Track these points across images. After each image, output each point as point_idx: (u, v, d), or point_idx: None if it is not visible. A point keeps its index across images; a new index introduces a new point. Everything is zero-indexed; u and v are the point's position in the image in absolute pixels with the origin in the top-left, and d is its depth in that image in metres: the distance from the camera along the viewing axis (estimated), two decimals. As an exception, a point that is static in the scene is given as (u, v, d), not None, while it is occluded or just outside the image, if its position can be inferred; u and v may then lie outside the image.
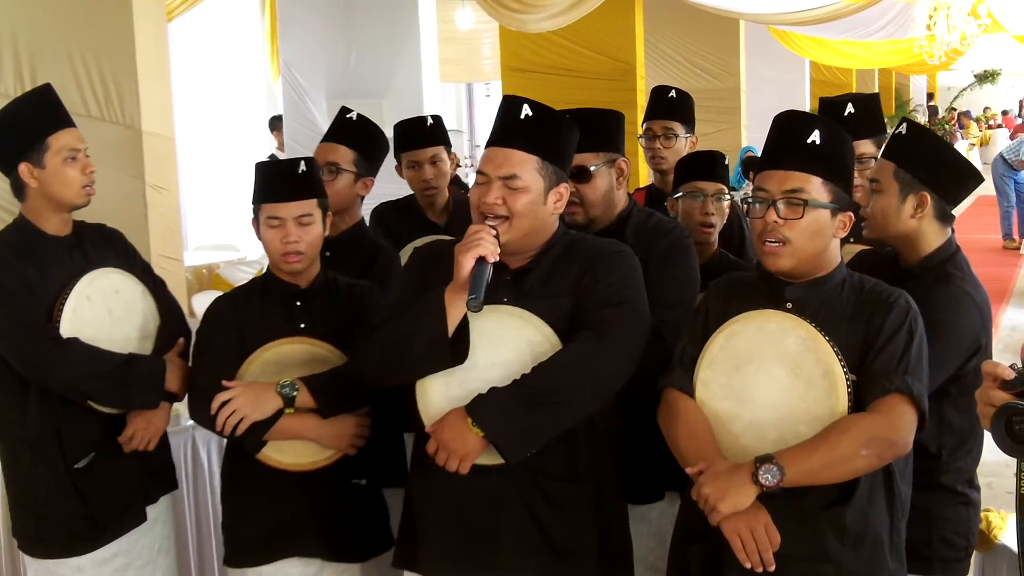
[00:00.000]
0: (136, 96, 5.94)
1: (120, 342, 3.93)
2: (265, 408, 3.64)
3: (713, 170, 4.60)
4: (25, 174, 3.87)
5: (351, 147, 4.61)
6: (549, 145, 3.37)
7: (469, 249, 3.19)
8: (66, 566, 3.97)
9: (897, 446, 3.00)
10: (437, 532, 3.41)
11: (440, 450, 3.26)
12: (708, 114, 12.63)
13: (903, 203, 3.50)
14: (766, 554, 2.94)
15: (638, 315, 3.35)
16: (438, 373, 3.30)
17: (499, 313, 3.31)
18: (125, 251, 4.18)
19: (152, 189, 5.97)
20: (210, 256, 11.19)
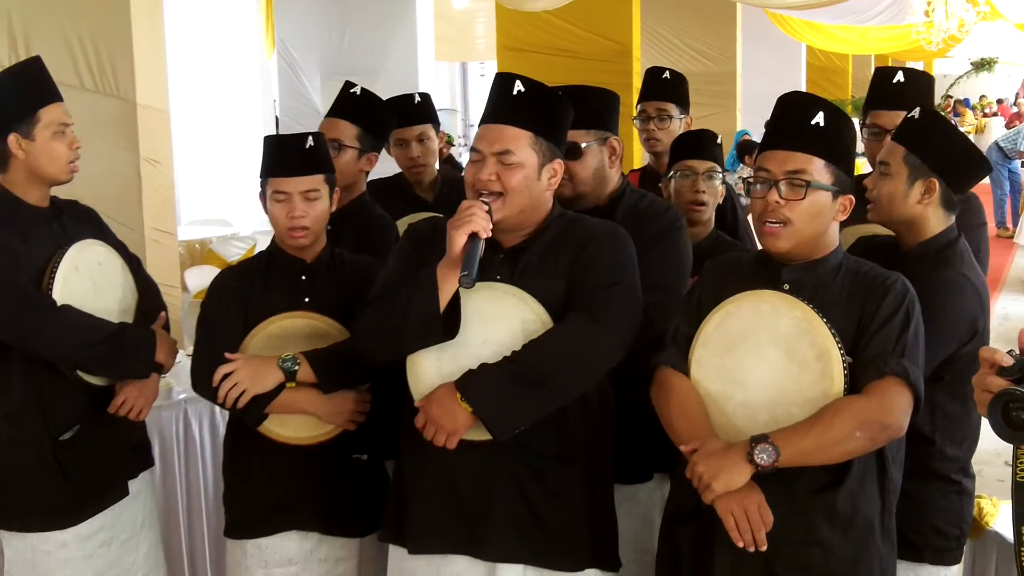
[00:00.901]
0: (131, 69, 5.92)
1: (102, 313, 3.92)
2: (266, 382, 3.64)
3: (703, 148, 4.60)
4: (13, 145, 3.85)
5: (354, 122, 4.59)
6: (543, 121, 3.37)
7: (461, 225, 3.19)
8: (49, 541, 3.94)
9: (891, 429, 3.00)
10: (425, 508, 3.41)
11: (428, 424, 3.27)
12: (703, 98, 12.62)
13: (911, 188, 3.49)
14: (759, 533, 2.94)
15: (631, 297, 3.35)
16: (430, 349, 3.30)
17: (493, 290, 3.31)
18: (100, 227, 4.18)
19: (146, 162, 5.95)
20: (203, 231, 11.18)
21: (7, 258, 3.77)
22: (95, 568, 4.00)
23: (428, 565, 3.42)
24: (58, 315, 3.75)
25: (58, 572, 3.96)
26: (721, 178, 4.59)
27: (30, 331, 3.77)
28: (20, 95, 3.89)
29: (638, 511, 4.02)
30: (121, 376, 3.96)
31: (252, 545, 3.82)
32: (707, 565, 3.11)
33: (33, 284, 3.80)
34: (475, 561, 3.38)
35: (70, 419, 3.92)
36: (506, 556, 3.35)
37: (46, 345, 3.78)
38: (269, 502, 3.80)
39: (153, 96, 6.06)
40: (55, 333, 3.76)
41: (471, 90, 26.59)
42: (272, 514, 3.80)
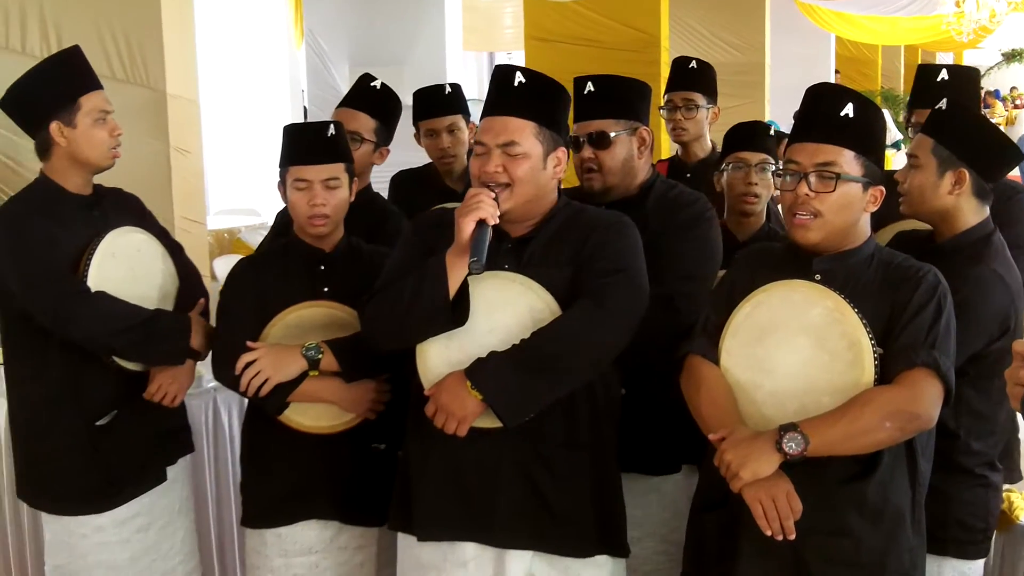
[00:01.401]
0: (161, 59, 5.94)
1: (140, 300, 3.94)
2: (289, 370, 3.65)
3: (756, 140, 4.58)
4: (55, 133, 3.88)
5: (373, 116, 4.61)
6: (545, 111, 3.39)
7: (469, 212, 3.21)
8: (86, 525, 3.99)
9: (921, 419, 2.99)
10: (432, 495, 3.42)
11: (439, 412, 3.28)
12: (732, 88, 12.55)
13: (940, 179, 3.47)
14: (787, 522, 2.94)
15: (636, 284, 3.36)
16: (438, 337, 3.32)
17: (500, 279, 3.33)
18: (142, 214, 4.21)
19: (176, 152, 5.97)
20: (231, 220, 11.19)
21: (45, 244, 3.80)
22: (131, 552, 4.04)
23: (436, 552, 3.43)
24: (92, 301, 3.78)
25: (94, 555, 4.01)
26: (773, 170, 4.56)
27: (65, 317, 3.79)
28: (61, 83, 3.93)
29: (665, 502, 4.02)
30: (155, 362, 3.98)
31: (272, 534, 3.84)
32: (734, 554, 3.12)
33: (70, 270, 3.83)
34: (484, 547, 3.39)
35: (106, 405, 3.96)
36: (515, 542, 3.37)
37: (80, 331, 3.81)
38: (288, 491, 3.82)
39: (183, 86, 6.08)
40: (89, 319, 3.79)
41: (498, 80, 26.52)
42: (291, 503, 3.82)
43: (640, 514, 3.84)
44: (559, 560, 3.41)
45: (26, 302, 3.84)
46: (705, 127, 5.58)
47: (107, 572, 4.02)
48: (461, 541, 3.40)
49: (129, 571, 4.05)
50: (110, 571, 4.02)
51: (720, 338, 3.23)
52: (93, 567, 4.01)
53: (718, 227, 3.97)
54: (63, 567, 4.06)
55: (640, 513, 3.84)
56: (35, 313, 3.83)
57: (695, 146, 5.57)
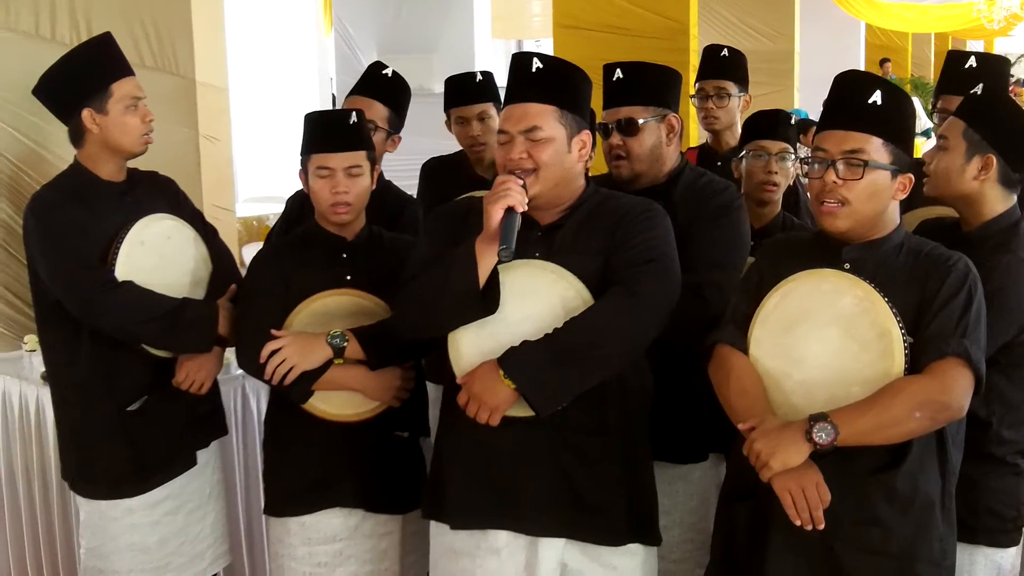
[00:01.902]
0: (190, 47, 5.94)
1: (171, 287, 3.98)
2: (314, 358, 3.66)
3: (777, 129, 4.57)
4: (87, 120, 3.91)
5: (386, 104, 4.62)
6: (565, 94, 3.39)
7: (498, 200, 3.21)
8: (117, 508, 4.04)
9: (951, 409, 2.98)
10: (465, 483, 3.43)
11: (471, 401, 3.28)
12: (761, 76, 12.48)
13: (968, 163, 3.46)
14: (816, 512, 2.93)
15: (668, 272, 3.35)
16: (470, 326, 3.31)
17: (531, 267, 3.33)
18: (176, 198, 4.24)
19: (205, 140, 5.98)
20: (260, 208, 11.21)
21: (75, 234, 3.84)
22: (160, 535, 4.09)
23: (468, 540, 3.43)
24: (119, 291, 3.81)
25: (124, 537, 4.06)
26: (793, 160, 4.55)
27: (93, 307, 3.83)
28: (93, 70, 3.96)
29: (692, 490, 4.02)
30: (183, 350, 4.01)
31: (295, 523, 3.85)
32: (763, 543, 3.11)
33: (100, 259, 3.86)
34: (516, 535, 3.39)
35: (137, 390, 4.01)
36: (547, 530, 3.37)
37: (108, 321, 3.85)
38: (312, 480, 3.83)
39: (212, 74, 6.08)
40: (116, 309, 3.82)
41: (527, 68, 26.51)
42: (315, 492, 3.83)
43: (667, 502, 3.84)
44: (591, 548, 3.41)
45: (55, 291, 3.89)
46: (736, 116, 5.56)
47: (136, 554, 4.07)
48: (494, 529, 3.40)
49: (158, 553, 4.09)
50: (140, 553, 4.07)
51: (749, 327, 3.22)
52: (123, 549, 4.06)
53: (747, 216, 3.97)
54: (95, 549, 4.11)
55: (667, 501, 3.84)
56: (64, 302, 3.87)
57: (726, 135, 5.56)
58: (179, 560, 4.16)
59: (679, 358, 3.58)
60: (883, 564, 3.03)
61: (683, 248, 3.54)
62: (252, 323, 3.79)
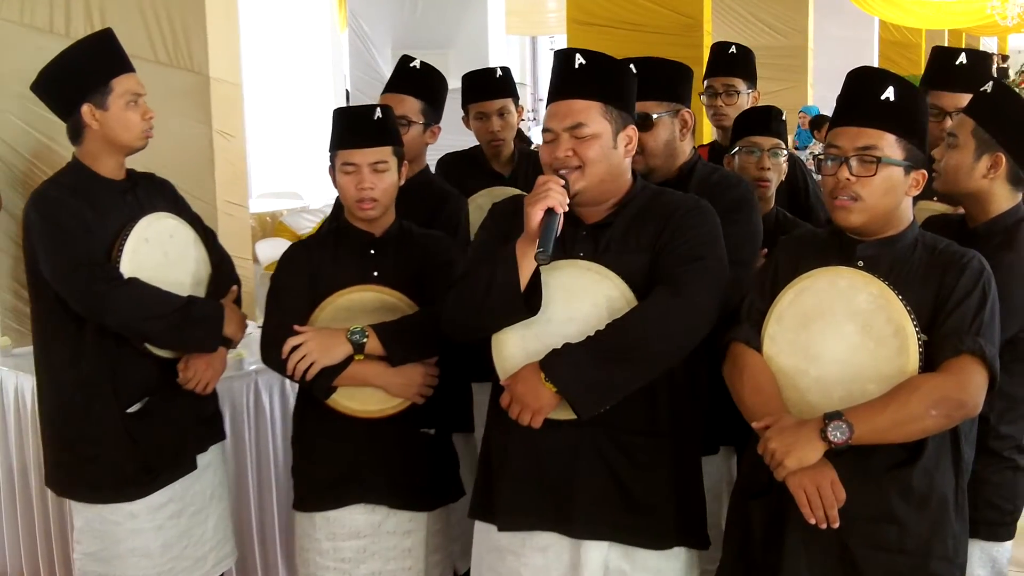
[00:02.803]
0: (204, 42, 5.95)
1: (174, 286, 3.97)
2: (334, 354, 3.66)
3: (769, 125, 4.56)
4: (87, 115, 3.90)
5: (418, 97, 4.60)
6: (609, 89, 3.36)
7: (537, 201, 3.18)
8: (119, 512, 4.01)
9: (967, 407, 2.98)
10: (513, 485, 3.41)
11: (513, 403, 3.27)
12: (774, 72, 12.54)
13: (977, 161, 3.46)
14: (831, 511, 2.93)
15: (715, 272, 3.31)
16: (514, 327, 3.29)
17: (576, 267, 3.31)
18: (175, 200, 4.23)
19: (219, 135, 5.99)
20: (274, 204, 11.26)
21: (80, 229, 3.83)
22: (164, 539, 4.06)
23: (513, 540, 3.43)
24: (125, 288, 3.81)
25: (127, 542, 4.02)
26: (786, 155, 4.56)
27: (98, 303, 3.82)
28: (92, 66, 3.94)
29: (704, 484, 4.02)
30: (188, 349, 4.00)
31: (321, 518, 3.85)
32: (778, 541, 3.10)
33: (104, 255, 3.85)
34: (560, 537, 3.38)
35: (140, 391, 3.98)
36: (592, 532, 3.35)
37: (113, 317, 3.84)
38: (337, 475, 3.83)
39: (226, 70, 6.09)
40: (123, 305, 3.81)
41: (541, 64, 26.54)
42: (340, 487, 3.83)
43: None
44: (635, 551, 3.39)
45: (59, 288, 3.86)
46: (746, 113, 5.56)
47: (140, 559, 4.04)
48: (540, 530, 3.39)
49: (161, 558, 4.07)
50: (143, 558, 4.04)
51: (764, 324, 3.22)
52: (126, 554, 4.03)
53: (760, 211, 3.96)
54: (95, 554, 4.07)
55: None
56: (68, 299, 3.85)
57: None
58: (182, 564, 4.14)
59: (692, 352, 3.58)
60: (899, 561, 3.03)
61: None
62: (278, 318, 3.80)
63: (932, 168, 3.54)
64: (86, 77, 3.93)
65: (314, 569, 3.90)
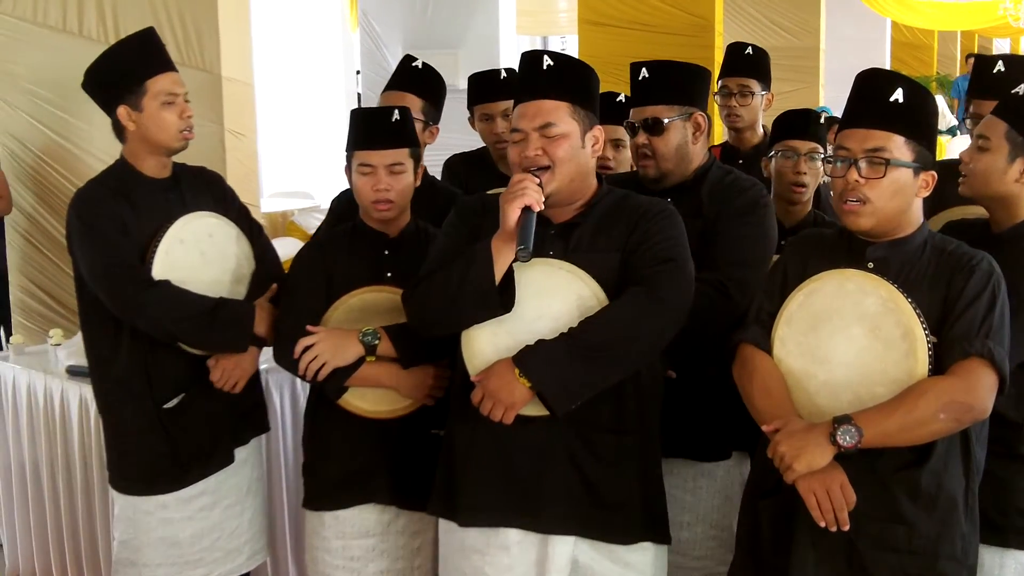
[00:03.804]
0: (216, 42, 5.96)
1: (211, 285, 3.99)
2: (346, 354, 3.67)
3: (807, 128, 4.56)
4: (124, 117, 3.93)
5: (419, 95, 4.63)
6: (577, 90, 3.38)
7: (515, 198, 3.20)
8: (150, 503, 4.06)
9: (975, 410, 2.98)
10: (478, 480, 3.42)
11: (485, 399, 3.27)
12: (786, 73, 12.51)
13: (1010, 165, 3.43)
14: (841, 513, 2.94)
15: (685, 273, 3.34)
16: (486, 323, 3.31)
17: (548, 265, 3.32)
18: (223, 194, 4.25)
19: (231, 134, 6.00)
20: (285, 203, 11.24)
21: (116, 230, 3.86)
22: (194, 530, 4.10)
23: (479, 537, 3.43)
24: (155, 290, 3.82)
25: (156, 531, 4.07)
26: (823, 159, 4.54)
27: (129, 305, 3.85)
28: (128, 67, 3.96)
29: (716, 487, 4.02)
30: (218, 349, 4.01)
31: (330, 517, 3.87)
32: (788, 541, 3.11)
33: (139, 257, 3.88)
34: (526, 533, 3.38)
35: (175, 387, 4.02)
36: (559, 528, 3.36)
37: (144, 319, 3.86)
38: (347, 475, 3.85)
39: (238, 69, 6.10)
40: (151, 307, 3.83)
41: (552, 64, 26.48)
42: (350, 487, 3.85)
43: (691, 499, 3.85)
44: (603, 545, 3.41)
45: (95, 289, 3.90)
46: (759, 114, 5.57)
47: (168, 548, 4.08)
48: (504, 527, 3.40)
49: (190, 548, 4.10)
50: (171, 548, 4.08)
51: (773, 326, 3.22)
52: (155, 543, 4.07)
53: (774, 214, 3.97)
54: (128, 542, 4.12)
55: (691, 498, 3.85)
56: (103, 299, 3.89)
57: (748, 132, 5.56)
58: (213, 555, 4.16)
59: (703, 355, 3.58)
60: (907, 562, 3.03)
61: (709, 245, 3.54)
62: (291, 318, 3.82)
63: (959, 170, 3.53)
64: (121, 78, 3.95)
65: (323, 567, 3.91)
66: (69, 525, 5.09)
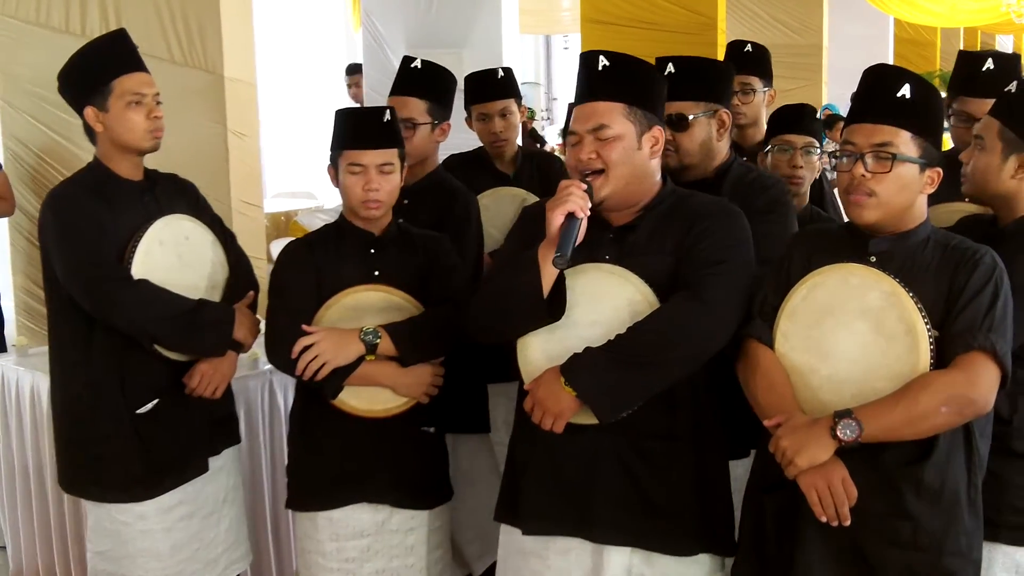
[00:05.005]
0: (219, 42, 5.97)
1: (188, 289, 3.96)
2: (347, 354, 3.67)
3: (802, 123, 4.58)
4: (91, 118, 3.91)
5: (422, 97, 4.58)
6: (632, 90, 3.35)
7: (558, 205, 3.18)
8: (128, 512, 4.01)
9: (978, 404, 2.97)
10: (536, 489, 3.42)
11: (535, 408, 3.27)
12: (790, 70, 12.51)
13: (1004, 163, 3.43)
14: (842, 508, 2.94)
15: (738, 275, 3.30)
16: (539, 331, 3.30)
17: (599, 271, 3.31)
18: (196, 201, 4.22)
19: (233, 135, 6.01)
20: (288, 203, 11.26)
21: (93, 229, 3.83)
22: (173, 541, 4.06)
23: (537, 543, 3.44)
24: (134, 289, 3.80)
25: (136, 543, 4.03)
26: (819, 153, 4.56)
27: (106, 303, 3.82)
28: (95, 67, 3.94)
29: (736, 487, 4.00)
30: (197, 352, 4.00)
31: (323, 518, 3.87)
32: (792, 536, 3.11)
33: (117, 256, 3.85)
34: (583, 542, 3.38)
35: (148, 393, 3.97)
36: (613, 538, 3.35)
37: (122, 318, 3.84)
38: (340, 474, 3.84)
39: (241, 69, 6.11)
40: (131, 305, 3.81)
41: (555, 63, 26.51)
42: (343, 486, 3.85)
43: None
44: (659, 556, 3.38)
45: (69, 287, 3.86)
46: (762, 110, 5.55)
47: (149, 560, 4.04)
48: (562, 536, 3.40)
49: (171, 559, 4.07)
50: (153, 559, 4.04)
51: (776, 320, 3.21)
52: (136, 555, 4.04)
53: (794, 211, 3.96)
54: (105, 554, 4.08)
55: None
56: (77, 298, 3.85)
57: (751, 130, 5.54)
58: (193, 566, 4.14)
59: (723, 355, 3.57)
60: (912, 557, 3.03)
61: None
62: (284, 317, 3.80)
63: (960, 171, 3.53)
64: (88, 79, 3.93)
65: (317, 571, 3.91)
66: (73, 526, 5.08)
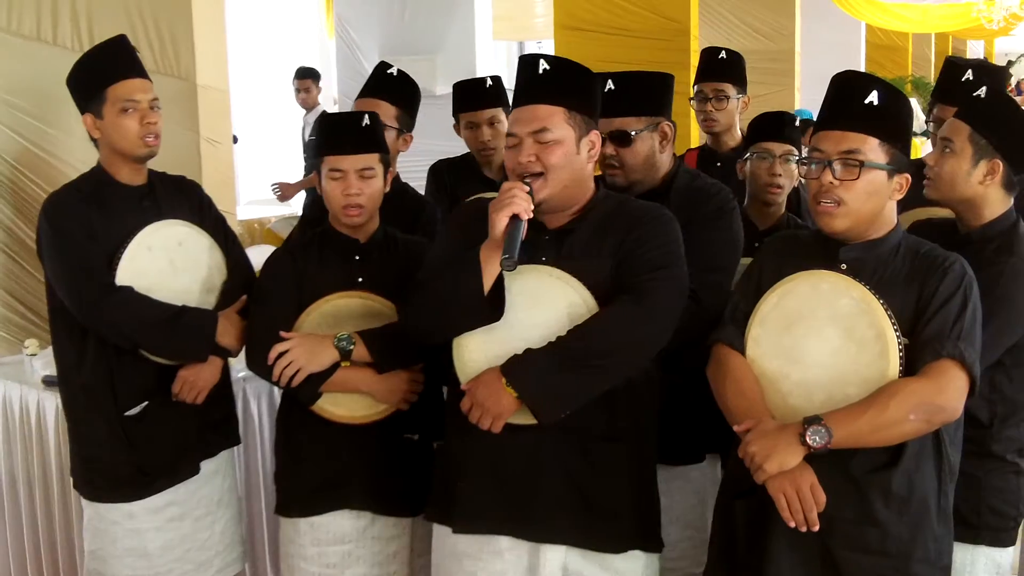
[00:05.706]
0: (192, 49, 5.96)
1: (181, 293, 3.97)
2: (321, 360, 3.67)
3: (782, 131, 4.60)
4: (89, 125, 3.94)
5: (393, 103, 4.60)
6: (573, 95, 3.36)
7: (503, 207, 3.19)
8: (117, 511, 4.04)
9: (946, 411, 2.99)
10: (472, 488, 3.42)
11: (474, 408, 3.28)
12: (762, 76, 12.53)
13: (974, 167, 3.46)
14: (811, 514, 2.94)
15: (678, 281, 3.33)
16: (477, 331, 3.30)
17: (538, 273, 3.31)
18: (200, 203, 4.23)
19: (206, 142, 5.99)
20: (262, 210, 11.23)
21: (82, 236, 3.85)
22: (163, 541, 4.07)
23: (471, 543, 3.43)
24: (115, 295, 3.81)
25: (124, 542, 4.05)
26: (797, 161, 4.57)
27: (90, 310, 3.84)
28: (91, 75, 3.97)
29: (690, 489, 4.05)
30: (178, 358, 4.00)
31: (305, 523, 3.86)
32: (761, 542, 3.12)
33: (106, 263, 3.86)
34: (518, 541, 3.38)
35: (138, 395, 3.99)
36: (550, 536, 3.36)
37: (104, 324, 3.86)
38: (322, 481, 3.83)
39: (213, 76, 6.10)
40: (111, 313, 3.83)
41: (529, 69, 26.49)
42: (325, 493, 3.84)
43: (665, 501, 3.84)
44: (594, 554, 3.40)
45: (59, 293, 3.89)
46: (736, 117, 5.59)
47: (136, 560, 4.06)
48: (497, 534, 3.40)
49: (160, 560, 4.08)
50: (140, 559, 4.06)
51: (747, 326, 3.23)
52: (123, 554, 4.05)
53: (740, 217, 3.97)
54: (95, 552, 4.11)
55: (665, 500, 3.84)
56: (66, 303, 3.88)
57: (726, 136, 5.58)
58: (183, 567, 4.14)
59: (675, 361, 3.58)
60: (880, 564, 3.05)
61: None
62: (262, 324, 3.80)
63: (924, 174, 3.55)
64: (85, 87, 3.97)
65: (299, 575, 3.90)
66: (46, 536, 5.07)
